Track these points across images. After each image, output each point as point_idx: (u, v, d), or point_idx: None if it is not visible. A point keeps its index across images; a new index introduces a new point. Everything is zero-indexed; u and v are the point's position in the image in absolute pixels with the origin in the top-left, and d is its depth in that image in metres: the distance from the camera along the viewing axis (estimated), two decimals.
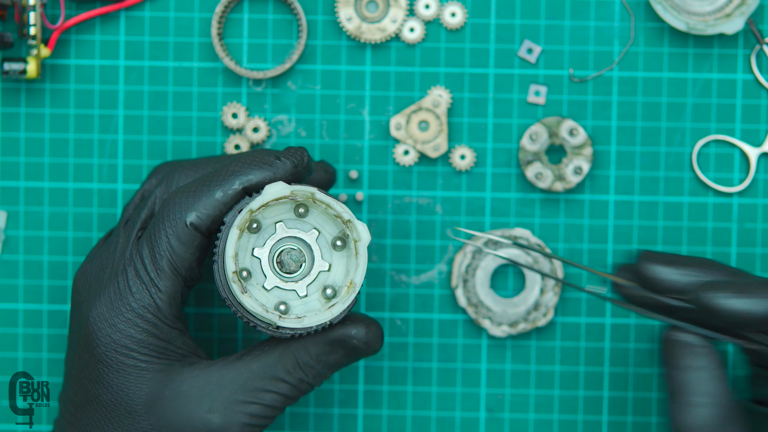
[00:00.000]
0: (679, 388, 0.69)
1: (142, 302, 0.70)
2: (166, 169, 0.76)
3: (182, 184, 0.73)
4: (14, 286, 0.82)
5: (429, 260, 0.82)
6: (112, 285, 0.71)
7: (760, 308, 0.67)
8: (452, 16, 0.81)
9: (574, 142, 0.81)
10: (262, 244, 0.70)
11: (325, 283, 0.70)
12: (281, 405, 0.71)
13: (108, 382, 0.70)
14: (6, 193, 0.82)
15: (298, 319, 0.69)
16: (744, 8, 0.79)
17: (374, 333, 0.72)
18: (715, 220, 0.82)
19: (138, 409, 0.70)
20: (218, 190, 0.70)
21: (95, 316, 0.70)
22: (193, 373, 0.71)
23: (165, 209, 0.70)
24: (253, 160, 0.71)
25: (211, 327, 0.82)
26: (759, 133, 0.82)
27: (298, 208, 0.70)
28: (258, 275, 0.70)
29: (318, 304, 0.70)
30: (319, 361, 0.71)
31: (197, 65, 0.82)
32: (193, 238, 0.70)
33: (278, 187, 0.68)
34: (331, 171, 0.77)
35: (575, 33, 0.81)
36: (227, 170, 0.70)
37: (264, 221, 0.70)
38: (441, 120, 0.81)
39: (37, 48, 0.79)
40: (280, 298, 0.70)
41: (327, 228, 0.70)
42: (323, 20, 0.81)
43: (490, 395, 0.82)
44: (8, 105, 0.81)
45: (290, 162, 0.71)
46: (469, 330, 0.82)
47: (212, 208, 0.70)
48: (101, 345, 0.70)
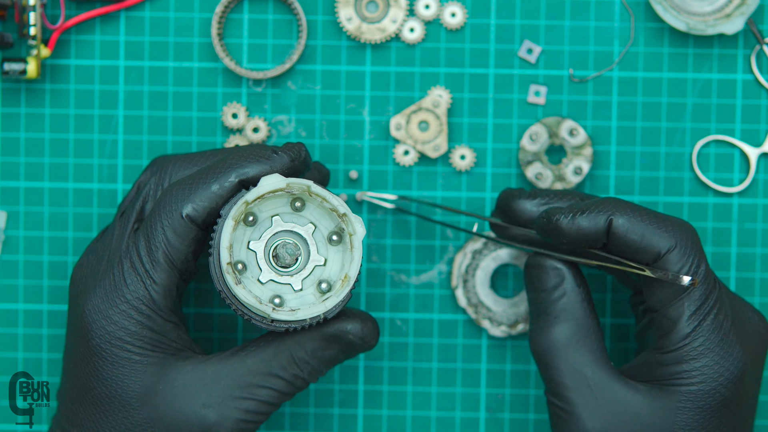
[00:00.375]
0: (537, 308, 0.74)
1: (137, 294, 0.70)
2: (160, 162, 0.76)
3: (176, 176, 0.73)
4: (14, 286, 0.82)
5: (429, 260, 0.82)
6: (108, 277, 0.71)
7: (593, 224, 0.71)
8: (452, 16, 0.81)
9: (574, 143, 0.81)
10: (258, 237, 0.70)
11: (321, 278, 0.70)
12: (276, 401, 0.71)
13: (102, 375, 0.70)
14: (6, 193, 0.82)
15: (292, 312, 0.69)
16: (744, 8, 0.79)
17: (370, 328, 0.72)
18: (715, 220, 0.82)
19: (132, 402, 0.70)
20: (215, 182, 0.70)
21: (90, 308, 0.71)
22: (187, 368, 0.71)
23: (161, 202, 0.70)
24: (250, 154, 0.71)
25: (211, 327, 0.82)
26: (759, 133, 0.82)
27: (294, 202, 0.70)
28: (253, 268, 0.70)
29: (313, 298, 0.70)
30: (314, 356, 0.71)
31: (197, 65, 0.82)
32: (189, 230, 0.70)
33: (274, 179, 0.69)
34: (325, 172, 0.78)
35: (575, 33, 0.81)
36: (224, 163, 0.71)
37: (260, 214, 0.70)
38: (441, 120, 0.81)
39: (37, 48, 0.79)
40: (275, 292, 0.70)
41: (323, 222, 0.70)
42: (323, 20, 0.81)
43: (490, 395, 0.82)
44: (8, 105, 0.81)
45: (287, 156, 0.71)
46: (469, 330, 0.82)
47: (208, 201, 0.70)
48: (96, 337, 0.70)
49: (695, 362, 0.71)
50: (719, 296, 0.72)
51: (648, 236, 0.71)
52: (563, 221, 0.71)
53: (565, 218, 0.71)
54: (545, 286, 0.74)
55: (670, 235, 0.71)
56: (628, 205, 0.72)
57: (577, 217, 0.71)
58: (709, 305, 0.71)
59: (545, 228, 0.72)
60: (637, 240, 0.71)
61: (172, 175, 0.73)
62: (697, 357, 0.71)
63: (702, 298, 0.71)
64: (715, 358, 0.71)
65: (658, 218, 0.72)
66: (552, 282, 0.74)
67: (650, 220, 0.71)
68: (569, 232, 0.71)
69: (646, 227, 0.71)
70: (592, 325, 0.73)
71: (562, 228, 0.71)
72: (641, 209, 0.72)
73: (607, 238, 0.72)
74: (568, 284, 0.73)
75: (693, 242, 0.71)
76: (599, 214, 0.71)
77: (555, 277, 0.73)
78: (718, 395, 0.71)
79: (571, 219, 0.71)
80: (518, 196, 0.75)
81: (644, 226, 0.71)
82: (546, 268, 0.74)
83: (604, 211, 0.71)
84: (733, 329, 0.72)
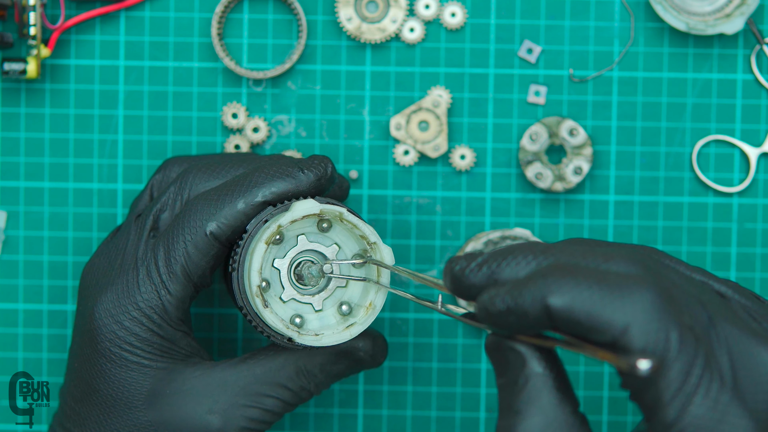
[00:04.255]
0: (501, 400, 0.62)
1: (150, 303, 0.70)
2: (178, 165, 0.75)
3: (198, 187, 0.72)
4: (14, 286, 0.82)
5: (429, 260, 0.82)
6: (121, 281, 0.71)
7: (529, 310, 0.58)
8: (452, 16, 0.81)
9: (574, 142, 0.81)
10: (282, 255, 0.70)
11: (342, 300, 0.70)
12: (281, 411, 0.71)
13: (109, 377, 0.70)
14: (6, 193, 0.82)
15: (316, 337, 0.69)
16: (744, 8, 0.79)
17: (380, 346, 0.73)
18: (715, 220, 0.82)
19: (138, 404, 0.70)
20: (240, 201, 0.70)
21: (101, 311, 0.70)
22: (195, 373, 0.71)
23: (185, 215, 0.70)
24: (276, 171, 0.70)
25: (211, 327, 0.82)
26: (759, 133, 0.82)
27: (321, 222, 0.70)
28: (276, 286, 0.70)
29: (333, 319, 0.70)
30: (322, 370, 0.72)
31: (197, 65, 0.82)
32: (211, 247, 0.70)
33: (308, 204, 0.68)
34: (345, 186, 0.77)
35: (575, 33, 0.81)
36: (250, 180, 0.70)
37: (287, 233, 0.70)
38: (441, 120, 0.81)
39: (37, 48, 0.79)
40: (296, 311, 0.70)
41: (348, 245, 0.70)
42: (323, 20, 0.81)
43: (490, 395, 0.82)
44: (8, 105, 0.81)
45: (313, 174, 0.70)
46: (469, 330, 0.82)
47: (233, 219, 0.70)
48: (105, 340, 0.70)
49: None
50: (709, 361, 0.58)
51: (596, 316, 0.57)
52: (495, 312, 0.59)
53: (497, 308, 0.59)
54: (505, 372, 0.61)
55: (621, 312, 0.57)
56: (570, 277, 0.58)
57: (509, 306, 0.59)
58: (694, 381, 0.57)
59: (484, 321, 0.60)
60: (584, 323, 0.57)
61: (193, 185, 0.73)
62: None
63: (681, 375, 0.57)
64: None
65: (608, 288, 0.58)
66: (512, 368, 0.61)
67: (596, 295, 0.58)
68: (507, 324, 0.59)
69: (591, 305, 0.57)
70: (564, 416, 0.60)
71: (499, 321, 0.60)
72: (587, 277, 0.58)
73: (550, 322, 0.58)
74: (531, 369, 0.60)
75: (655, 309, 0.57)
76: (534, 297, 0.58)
77: (515, 362, 0.60)
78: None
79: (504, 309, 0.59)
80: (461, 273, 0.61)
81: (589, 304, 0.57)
82: (503, 351, 0.61)
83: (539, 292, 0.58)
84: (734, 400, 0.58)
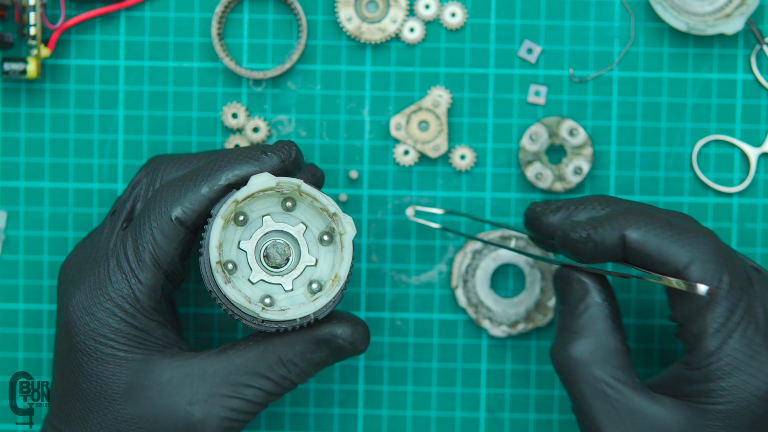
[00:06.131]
0: (560, 321, 0.72)
1: (121, 293, 0.70)
2: (154, 162, 0.76)
3: (168, 177, 0.73)
4: (14, 286, 0.82)
5: (429, 260, 0.82)
6: (93, 274, 0.71)
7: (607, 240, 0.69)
8: (452, 16, 0.81)
9: (574, 142, 0.81)
10: (248, 236, 0.70)
11: (311, 278, 0.70)
12: (263, 401, 0.71)
13: (87, 371, 0.70)
14: (6, 193, 0.82)
15: (282, 312, 0.68)
16: (744, 8, 0.79)
17: (360, 333, 0.72)
18: (715, 220, 0.82)
19: (117, 397, 0.70)
20: (204, 185, 0.70)
21: (74, 304, 0.71)
22: (173, 364, 0.71)
23: (151, 203, 0.71)
24: (239, 155, 0.71)
25: (211, 327, 0.82)
26: (759, 133, 0.82)
27: (285, 201, 0.70)
28: (244, 268, 0.70)
29: (303, 298, 0.70)
30: (303, 358, 0.71)
31: (197, 65, 0.82)
32: (177, 232, 0.70)
33: (264, 178, 0.69)
34: (319, 174, 0.77)
35: (575, 33, 0.81)
36: (214, 165, 0.71)
37: (251, 214, 0.70)
38: (441, 120, 0.81)
39: (37, 48, 0.79)
40: (266, 292, 0.70)
41: (314, 223, 0.70)
42: (323, 20, 0.81)
43: (490, 395, 0.82)
44: (8, 105, 0.82)
45: (277, 157, 0.71)
46: (469, 330, 0.82)
47: (198, 204, 0.70)
48: (79, 333, 0.70)
49: (723, 381, 0.68)
50: (749, 308, 0.69)
51: (664, 251, 0.69)
52: (576, 238, 0.70)
53: (579, 235, 0.70)
54: (569, 299, 0.72)
55: (686, 250, 0.69)
56: (645, 217, 0.70)
57: (590, 234, 0.70)
58: (736, 320, 0.68)
59: (562, 245, 0.71)
60: (653, 255, 0.69)
61: (164, 175, 0.74)
62: (724, 376, 0.68)
63: (726, 313, 0.68)
64: (744, 377, 0.68)
65: (677, 230, 0.69)
66: (575, 295, 0.72)
67: (666, 234, 0.69)
68: (584, 250, 0.70)
69: (662, 241, 0.69)
70: (615, 343, 0.71)
71: (577, 246, 0.70)
72: (660, 220, 0.70)
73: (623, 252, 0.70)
74: (592, 299, 0.71)
75: (714, 254, 0.69)
76: (613, 229, 0.70)
77: (579, 291, 0.72)
78: (750, 413, 0.68)
79: (585, 236, 0.70)
80: (542, 213, 0.73)
81: (660, 240, 0.69)
82: (570, 281, 0.72)
83: (618, 225, 0.70)
84: (765, 343, 0.69)
